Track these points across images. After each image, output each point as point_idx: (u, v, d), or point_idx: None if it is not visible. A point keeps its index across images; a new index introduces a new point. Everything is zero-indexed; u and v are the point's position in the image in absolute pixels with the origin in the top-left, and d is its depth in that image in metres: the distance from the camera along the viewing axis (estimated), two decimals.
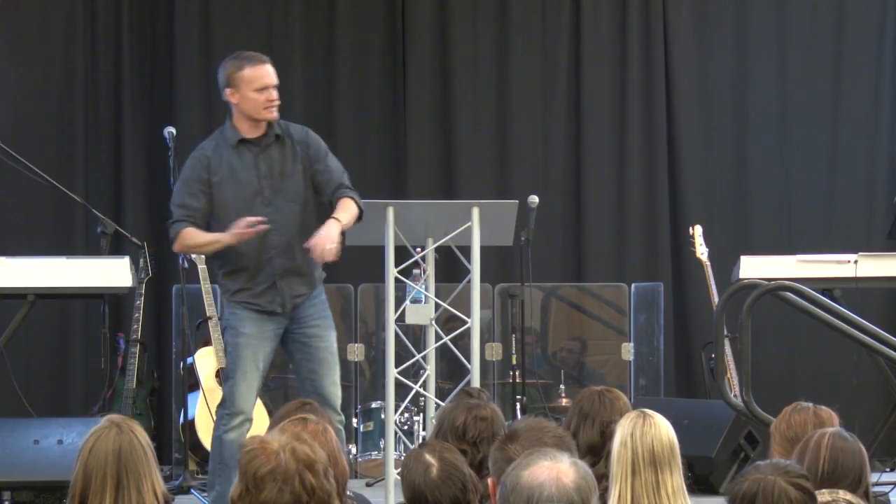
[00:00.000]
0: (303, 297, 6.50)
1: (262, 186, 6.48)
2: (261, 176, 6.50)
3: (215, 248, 6.47)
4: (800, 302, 5.79)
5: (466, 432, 4.47)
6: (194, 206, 6.47)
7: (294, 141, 6.58)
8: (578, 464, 2.91)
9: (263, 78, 6.63)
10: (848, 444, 4.00)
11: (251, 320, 6.48)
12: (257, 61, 6.67)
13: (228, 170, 6.52)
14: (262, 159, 6.52)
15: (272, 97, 6.57)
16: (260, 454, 3.06)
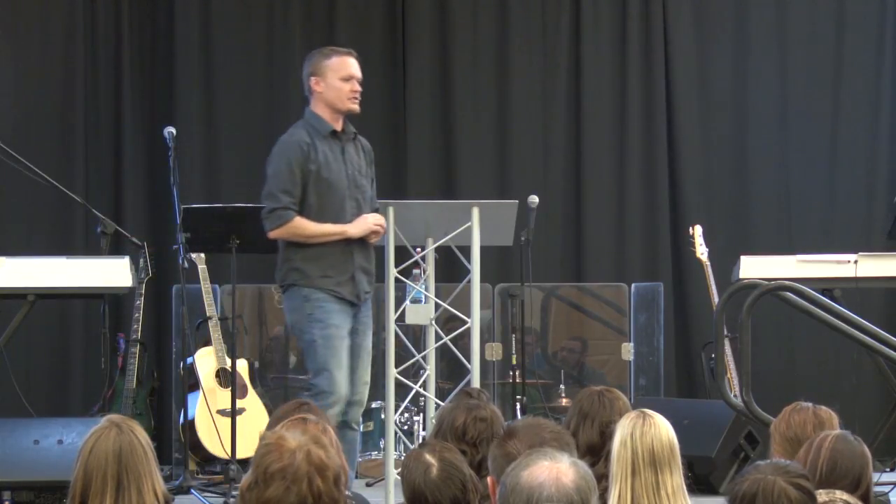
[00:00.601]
0: (367, 296, 6.70)
1: (349, 180, 6.65)
2: (347, 170, 6.65)
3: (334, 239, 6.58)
4: (800, 302, 5.79)
5: (466, 433, 4.47)
6: (297, 193, 6.58)
7: (365, 146, 6.80)
8: (578, 464, 2.91)
9: (349, 68, 6.77)
10: (849, 446, 3.99)
11: (337, 312, 6.58)
12: (344, 53, 6.81)
13: (324, 159, 6.62)
14: (348, 153, 6.70)
15: (356, 88, 6.72)
16: (275, 450, 3.07)
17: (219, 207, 8.12)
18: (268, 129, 9.85)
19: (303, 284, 6.60)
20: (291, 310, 6.67)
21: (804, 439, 4.50)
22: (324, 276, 6.59)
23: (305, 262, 6.60)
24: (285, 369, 9.45)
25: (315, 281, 6.57)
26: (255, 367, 9.16)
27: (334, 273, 6.59)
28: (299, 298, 6.61)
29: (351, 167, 6.66)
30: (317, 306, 6.57)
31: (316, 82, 6.68)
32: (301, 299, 6.61)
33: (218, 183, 9.74)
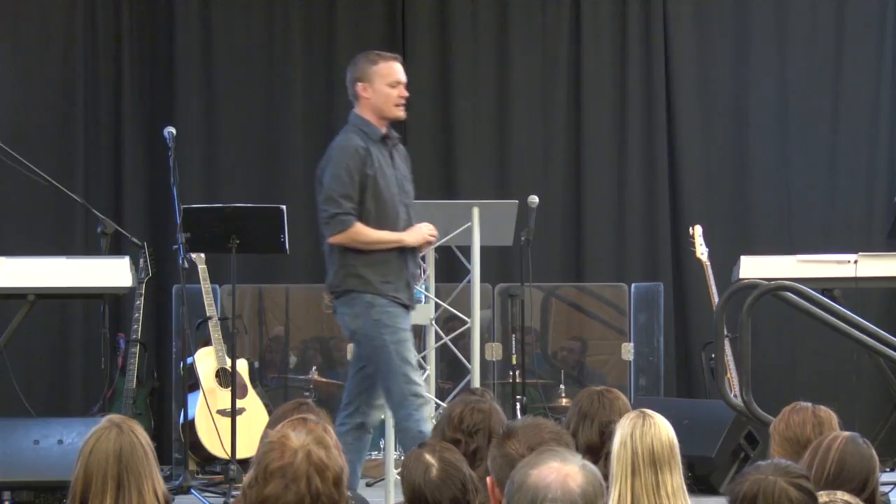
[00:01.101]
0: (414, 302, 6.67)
1: (398, 185, 6.63)
2: (397, 174, 6.64)
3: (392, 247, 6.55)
4: (800, 302, 5.79)
5: (463, 421, 4.48)
6: (356, 198, 6.56)
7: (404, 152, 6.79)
8: (588, 468, 2.90)
9: (396, 73, 6.74)
10: (859, 449, 3.99)
11: (401, 317, 6.57)
12: (390, 58, 6.79)
13: (379, 164, 6.61)
14: (394, 158, 6.68)
15: (404, 94, 6.69)
16: (276, 449, 3.08)
17: (219, 207, 8.12)
18: (268, 129, 9.88)
19: (364, 291, 6.54)
20: (353, 316, 6.57)
21: (803, 439, 4.50)
22: (385, 283, 6.56)
23: (366, 268, 6.55)
24: (285, 369, 9.45)
25: (377, 287, 6.54)
26: (255, 367, 9.16)
27: (394, 279, 6.57)
28: (362, 305, 6.53)
29: (399, 173, 6.64)
30: (383, 312, 6.53)
31: (363, 88, 6.64)
32: (364, 306, 6.54)
33: (218, 183, 9.74)
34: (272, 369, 9.50)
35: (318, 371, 9.01)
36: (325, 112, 9.88)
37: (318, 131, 9.92)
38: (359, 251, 6.55)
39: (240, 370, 8.47)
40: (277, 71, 9.92)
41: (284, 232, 7.88)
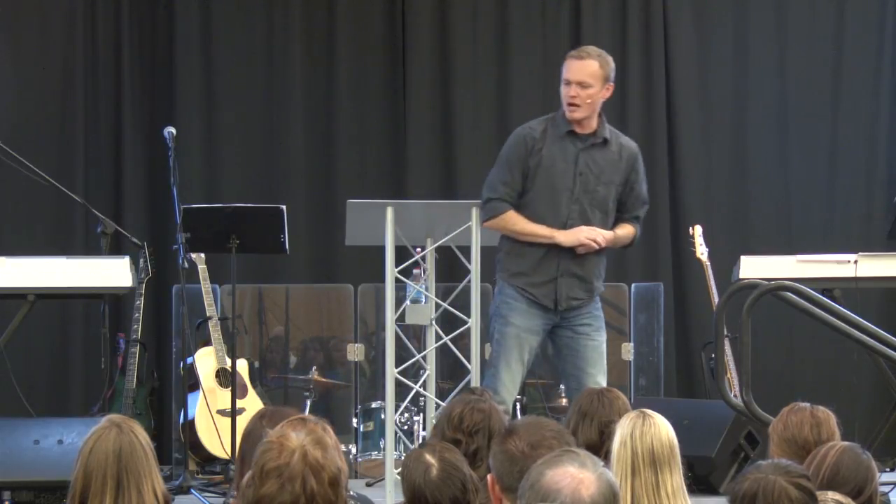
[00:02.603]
0: (579, 302, 6.61)
1: (575, 182, 6.56)
2: (577, 172, 6.57)
3: (543, 242, 6.58)
4: (800, 302, 5.79)
5: (462, 421, 4.48)
6: (513, 184, 6.58)
7: (623, 152, 6.65)
8: (605, 477, 2.89)
9: (566, 72, 6.65)
10: (855, 457, 3.97)
11: (521, 312, 6.59)
12: (571, 56, 6.73)
13: (549, 157, 6.59)
14: (584, 156, 6.60)
15: (570, 93, 6.58)
16: (274, 449, 3.08)
17: (219, 207, 8.12)
18: (268, 129, 9.88)
19: (501, 277, 6.70)
20: (493, 301, 6.76)
21: (801, 440, 4.51)
22: (519, 274, 6.63)
23: (508, 255, 6.67)
24: (285, 369, 9.45)
25: (510, 276, 6.63)
26: (255, 367, 9.16)
27: (532, 273, 6.60)
28: (497, 290, 6.74)
29: (586, 170, 6.57)
30: (504, 301, 6.62)
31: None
32: (497, 292, 6.73)
33: (218, 183, 9.74)
34: (272, 369, 9.50)
35: (318, 371, 9.00)
36: (325, 112, 9.88)
37: (318, 131, 9.92)
38: (512, 239, 6.64)
39: (240, 370, 8.47)
40: (277, 71, 9.92)
41: (284, 232, 7.89)
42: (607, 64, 6.68)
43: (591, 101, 6.58)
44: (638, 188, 6.72)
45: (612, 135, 6.69)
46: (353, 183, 9.70)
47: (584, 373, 6.58)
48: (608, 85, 6.65)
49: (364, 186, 9.58)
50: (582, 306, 6.64)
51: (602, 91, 6.62)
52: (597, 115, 6.67)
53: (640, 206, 6.75)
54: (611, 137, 6.66)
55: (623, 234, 6.70)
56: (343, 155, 9.88)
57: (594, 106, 6.61)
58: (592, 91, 6.58)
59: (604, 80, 6.62)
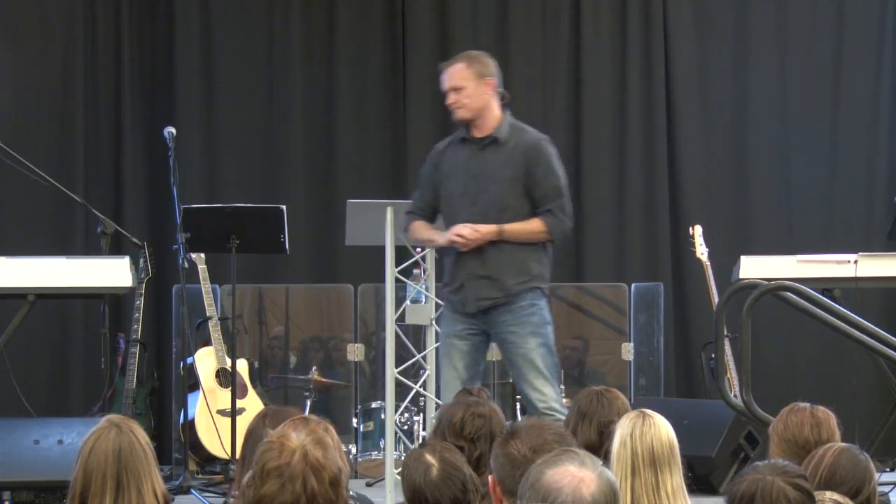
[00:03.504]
0: (490, 302, 6.50)
1: (469, 186, 6.53)
2: (471, 176, 6.55)
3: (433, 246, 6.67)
4: (800, 302, 5.79)
5: (464, 428, 4.47)
6: (422, 199, 6.65)
7: (520, 147, 6.54)
8: (605, 476, 2.89)
9: (442, 82, 6.66)
10: (852, 458, 3.97)
11: (448, 319, 6.60)
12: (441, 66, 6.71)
13: (448, 166, 6.61)
14: (477, 158, 6.56)
15: (448, 101, 6.59)
16: (274, 448, 3.08)
17: (219, 207, 8.13)
18: (268, 129, 9.88)
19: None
20: None
21: (801, 440, 4.51)
22: (445, 283, 6.65)
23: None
24: (285, 369, 9.45)
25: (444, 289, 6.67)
26: (255, 367, 9.16)
27: (450, 280, 6.61)
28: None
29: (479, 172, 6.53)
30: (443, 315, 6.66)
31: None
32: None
33: (218, 183, 9.74)
34: (272, 369, 9.51)
35: (318, 371, 9.00)
36: (326, 112, 9.88)
37: (318, 131, 9.92)
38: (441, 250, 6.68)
39: (240, 370, 8.47)
40: (277, 71, 9.92)
41: (284, 232, 7.89)
42: (477, 61, 6.60)
43: (470, 100, 6.53)
44: (543, 181, 6.51)
45: (512, 131, 6.56)
46: (353, 183, 9.70)
47: (523, 381, 6.50)
48: (486, 80, 6.55)
49: (364, 186, 9.58)
50: (498, 305, 6.50)
51: (480, 87, 6.54)
52: (494, 114, 6.58)
53: (549, 200, 6.51)
54: (508, 135, 6.54)
55: (521, 228, 6.47)
56: (343, 155, 9.88)
57: (477, 104, 6.53)
58: (468, 91, 6.53)
59: (477, 77, 6.55)
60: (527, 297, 6.50)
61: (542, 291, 6.57)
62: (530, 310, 6.50)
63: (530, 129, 6.64)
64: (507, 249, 6.47)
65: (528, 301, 6.50)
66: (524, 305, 6.49)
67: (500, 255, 6.48)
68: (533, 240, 6.51)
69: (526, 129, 6.62)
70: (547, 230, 6.51)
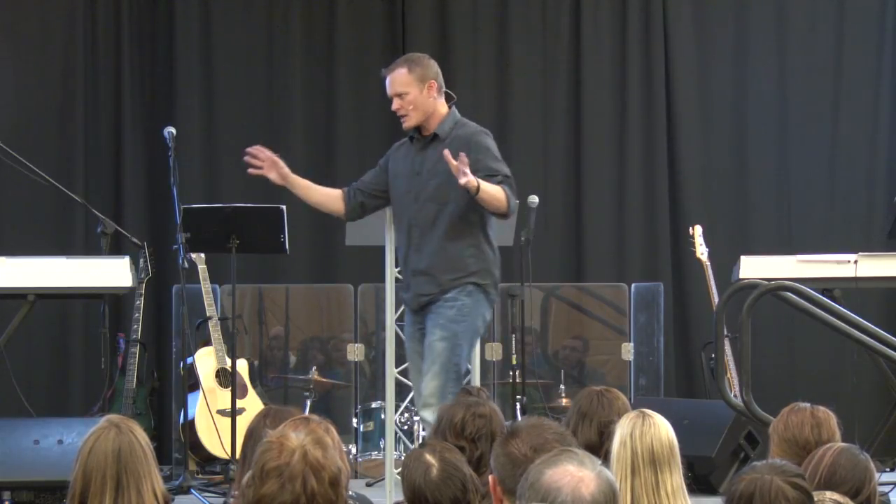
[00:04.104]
0: (427, 298, 6.49)
1: (413, 184, 6.54)
2: (414, 173, 6.56)
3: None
4: (800, 302, 5.79)
5: (465, 428, 4.47)
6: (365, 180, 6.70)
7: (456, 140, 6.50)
8: (604, 475, 2.89)
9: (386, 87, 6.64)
10: (852, 458, 3.97)
11: (406, 317, 6.61)
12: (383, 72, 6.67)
13: (394, 165, 6.64)
14: (420, 157, 6.56)
15: (393, 107, 6.58)
16: (274, 448, 3.08)
17: (219, 207, 8.12)
18: (268, 129, 9.87)
19: None
20: None
21: (802, 440, 4.51)
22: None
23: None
24: (285, 369, 9.45)
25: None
26: (255, 367, 9.16)
27: (403, 279, 6.63)
28: None
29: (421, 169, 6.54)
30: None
31: None
32: None
33: (218, 183, 9.74)
34: (272, 369, 9.51)
35: (318, 371, 9.00)
36: (326, 112, 9.89)
37: (319, 131, 9.93)
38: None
39: (240, 370, 8.47)
40: (277, 71, 9.92)
41: (284, 232, 7.88)
42: (418, 65, 6.58)
43: (414, 105, 6.52)
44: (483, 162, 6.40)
45: (454, 127, 6.54)
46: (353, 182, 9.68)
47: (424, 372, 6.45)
48: (429, 83, 6.53)
49: None
50: (436, 302, 6.47)
51: (424, 92, 6.52)
52: (439, 113, 6.56)
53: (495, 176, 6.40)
54: (449, 130, 6.52)
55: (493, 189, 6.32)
56: (343, 155, 9.87)
57: (421, 109, 6.52)
58: (411, 97, 6.52)
59: (420, 81, 6.53)
60: (455, 291, 6.45)
61: (482, 288, 6.47)
62: (451, 303, 6.44)
63: (472, 124, 6.61)
64: (445, 245, 6.45)
65: (454, 295, 6.44)
66: (448, 298, 6.45)
67: (437, 249, 6.47)
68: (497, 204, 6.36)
69: (468, 124, 6.60)
70: (506, 196, 6.38)
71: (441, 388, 6.36)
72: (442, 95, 6.58)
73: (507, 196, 6.37)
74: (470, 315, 6.45)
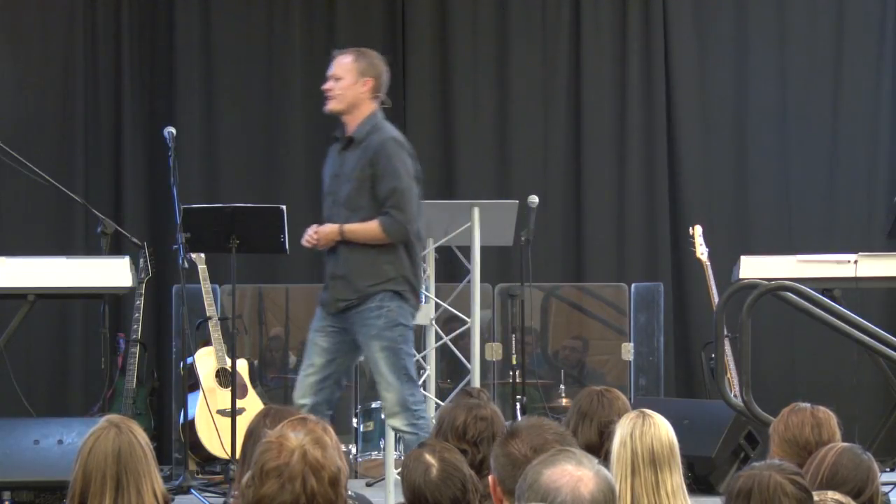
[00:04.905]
0: (345, 303, 6.48)
1: (332, 186, 6.59)
2: (334, 175, 6.59)
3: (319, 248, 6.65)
4: (800, 302, 5.79)
5: (467, 432, 4.46)
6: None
7: (369, 147, 6.50)
8: (602, 474, 2.89)
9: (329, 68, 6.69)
10: (855, 457, 3.96)
11: (318, 315, 6.60)
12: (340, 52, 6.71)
13: (326, 167, 6.68)
14: (339, 159, 6.59)
15: (325, 86, 6.62)
16: (273, 448, 3.07)
17: (219, 207, 8.12)
18: (268, 129, 9.88)
19: None
20: None
21: (802, 440, 4.50)
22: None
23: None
24: (285, 369, 9.45)
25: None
26: (255, 367, 9.16)
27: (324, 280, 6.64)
28: None
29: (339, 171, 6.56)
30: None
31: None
32: None
33: (218, 183, 9.74)
34: (272, 369, 9.51)
35: None
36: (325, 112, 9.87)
37: (318, 131, 9.91)
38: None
39: (240, 370, 8.47)
40: (277, 71, 9.92)
41: (284, 232, 7.89)
42: (365, 59, 6.58)
43: (343, 93, 6.54)
44: (382, 181, 6.43)
45: (370, 131, 6.53)
46: None
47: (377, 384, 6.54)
48: (365, 80, 6.53)
49: None
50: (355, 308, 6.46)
51: (357, 85, 6.53)
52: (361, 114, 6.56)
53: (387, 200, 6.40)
54: (366, 134, 6.52)
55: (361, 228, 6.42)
56: None
57: (348, 99, 6.54)
58: (344, 83, 6.54)
59: (358, 74, 6.54)
60: (376, 298, 6.43)
61: (400, 294, 6.46)
62: (377, 312, 6.43)
63: (386, 129, 6.56)
64: (359, 250, 6.44)
65: (376, 303, 6.43)
66: (371, 307, 6.43)
67: (353, 255, 6.47)
68: (372, 241, 6.43)
69: (383, 129, 6.55)
70: (382, 231, 6.41)
71: (400, 395, 6.39)
72: (375, 99, 6.55)
73: (383, 227, 6.39)
74: (398, 318, 6.45)
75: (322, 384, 6.50)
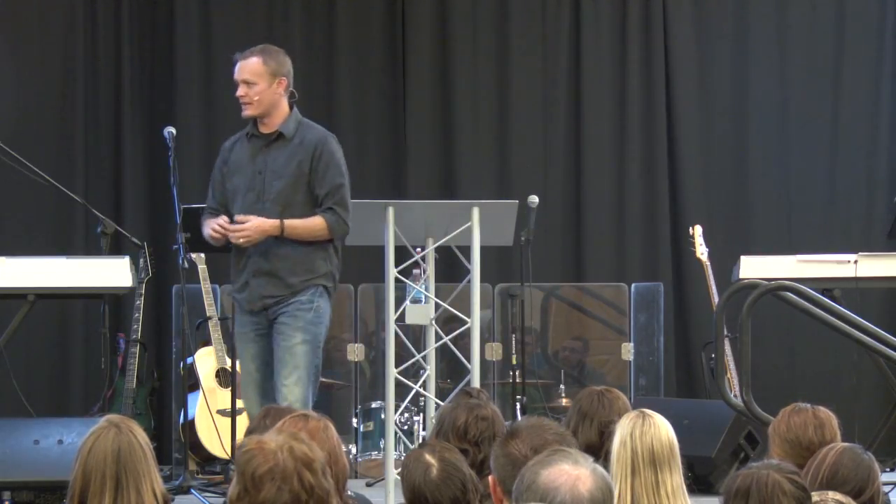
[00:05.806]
0: (274, 300, 6.47)
1: (255, 182, 6.52)
2: (256, 171, 6.53)
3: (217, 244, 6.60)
4: (800, 302, 5.79)
5: (468, 432, 4.46)
6: (214, 197, 6.65)
7: (305, 143, 6.51)
8: (599, 472, 2.90)
9: (235, 73, 6.70)
10: (855, 457, 3.96)
11: (238, 318, 6.60)
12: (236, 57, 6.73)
13: (235, 162, 6.61)
14: (263, 156, 6.55)
15: (238, 93, 6.63)
16: (258, 454, 3.05)
17: None
18: None
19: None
20: None
21: (804, 441, 4.50)
22: (231, 283, 6.67)
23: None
24: None
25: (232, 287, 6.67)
26: None
27: (235, 279, 6.60)
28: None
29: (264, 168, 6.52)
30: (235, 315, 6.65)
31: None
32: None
33: None
34: None
35: None
36: (326, 112, 9.87)
37: None
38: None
39: None
40: None
41: None
42: (273, 59, 6.58)
43: (260, 97, 6.54)
44: (325, 178, 6.48)
45: (299, 127, 6.55)
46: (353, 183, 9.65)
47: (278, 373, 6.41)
48: (279, 80, 6.55)
49: (364, 186, 9.57)
50: (283, 305, 6.45)
51: (273, 87, 6.54)
52: (282, 111, 6.57)
53: (330, 197, 6.47)
54: (294, 131, 6.53)
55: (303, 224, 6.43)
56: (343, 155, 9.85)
57: (266, 102, 6.54)
58: (259, 88, 6.54)
59: (271, 76, 6.54)
60: (307, 293, 6.45)
61: (328, 290, 6.49)
62: (307, 305, 6.44)
63: (317, 127, 6.62)
64: (291, 245, 6.43)
65: (307, 297, 6.45)
66: (302, 300, 6.44)
67: (284, 251, 6.46)
68: (313, 238, 6.45)
69: (313, 126, 6.60)
70: (327, 228, 6.45)
71: (305, 394, 6.41)
72: (287, 94, 6.58)
73: (329, 224, 6.43)
74: (324, 316, 6.49)
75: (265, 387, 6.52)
